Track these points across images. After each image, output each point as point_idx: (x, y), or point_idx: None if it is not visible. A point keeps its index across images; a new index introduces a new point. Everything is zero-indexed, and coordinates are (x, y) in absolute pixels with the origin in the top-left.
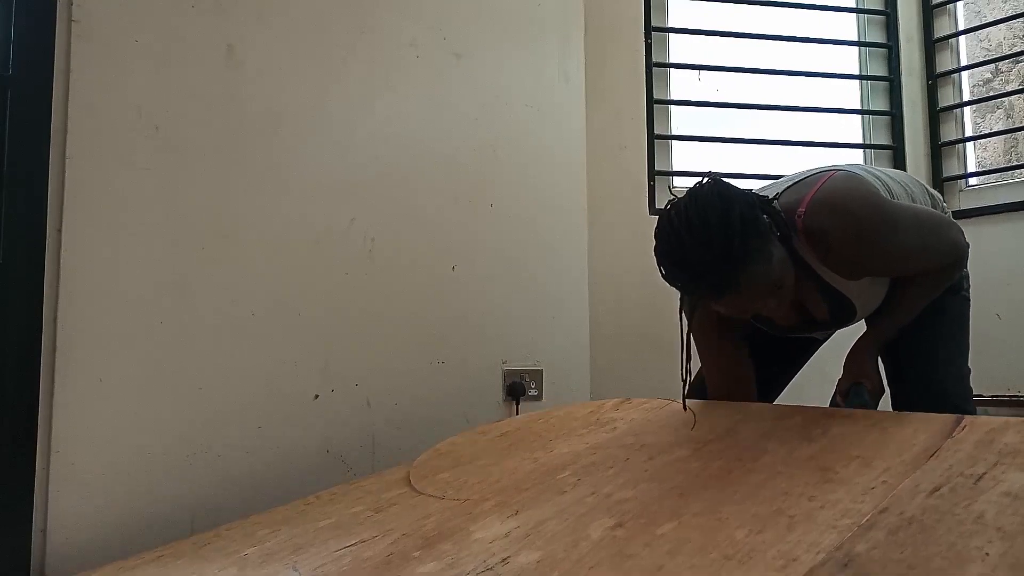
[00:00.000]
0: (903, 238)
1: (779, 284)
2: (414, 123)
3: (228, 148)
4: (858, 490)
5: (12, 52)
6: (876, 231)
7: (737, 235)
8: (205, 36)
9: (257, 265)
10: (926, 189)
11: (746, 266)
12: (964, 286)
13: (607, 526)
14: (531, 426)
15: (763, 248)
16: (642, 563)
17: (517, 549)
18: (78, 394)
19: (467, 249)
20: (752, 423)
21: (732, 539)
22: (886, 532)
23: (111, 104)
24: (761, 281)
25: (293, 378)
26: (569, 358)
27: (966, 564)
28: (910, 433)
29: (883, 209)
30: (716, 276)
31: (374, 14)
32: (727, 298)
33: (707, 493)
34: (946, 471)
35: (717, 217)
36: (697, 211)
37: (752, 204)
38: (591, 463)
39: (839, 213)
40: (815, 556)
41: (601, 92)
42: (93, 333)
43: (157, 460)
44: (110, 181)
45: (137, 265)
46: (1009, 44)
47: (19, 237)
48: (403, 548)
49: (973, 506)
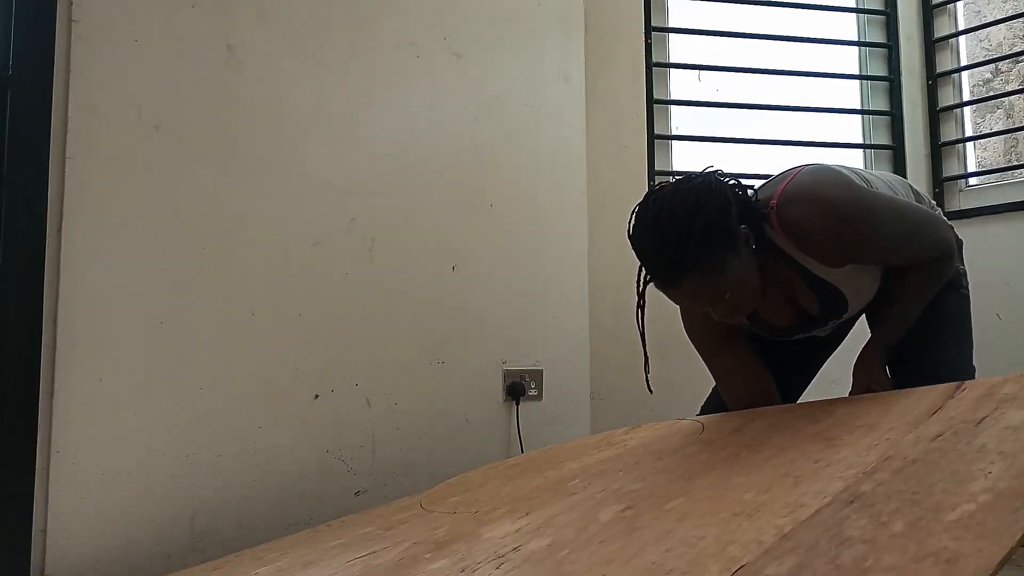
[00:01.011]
0: (880, 223)
1: (725, 295)
2: (414, 123)
3: (228, 148)
4: (862, 448)
5: (12, 52)
6: (849, 214)
7: (694, 243)
8: (205, 36)
9: (257, 265)
10: (913, 189)
11: (693, 273)
12: (963, 283)
13: (616, 510)
14: (542, 455)
15: (718, 260)
16: (651, 532)
17: (528, 539)
18: (78, 394)
19: (467, 249)
20: (759, 419)
21: (740, 500)
22: (890, 473)
23: (111, 104)
24: (707, 288)
25: (293, 378)
26: (569, 358)
27: (968, 483)
28: (913, 400)
29: (855, 192)
30: (663, 273)
31: (374, 14)
32: (670, 292)
33: (715, 473)
34: (948, 421)
35: (681, 219)
36: (669, 206)
37: (724, 211)
38: (601, 470)
39: (809, 199)
40: (822, 500)
41: (601, 92)
42: (93, 333)
43: (157, 460)
44: (110, 181)
45: (137, 265)
46: (1009, 44)
47: (19, 237)
48: (414, 553)
49: (974, 441)
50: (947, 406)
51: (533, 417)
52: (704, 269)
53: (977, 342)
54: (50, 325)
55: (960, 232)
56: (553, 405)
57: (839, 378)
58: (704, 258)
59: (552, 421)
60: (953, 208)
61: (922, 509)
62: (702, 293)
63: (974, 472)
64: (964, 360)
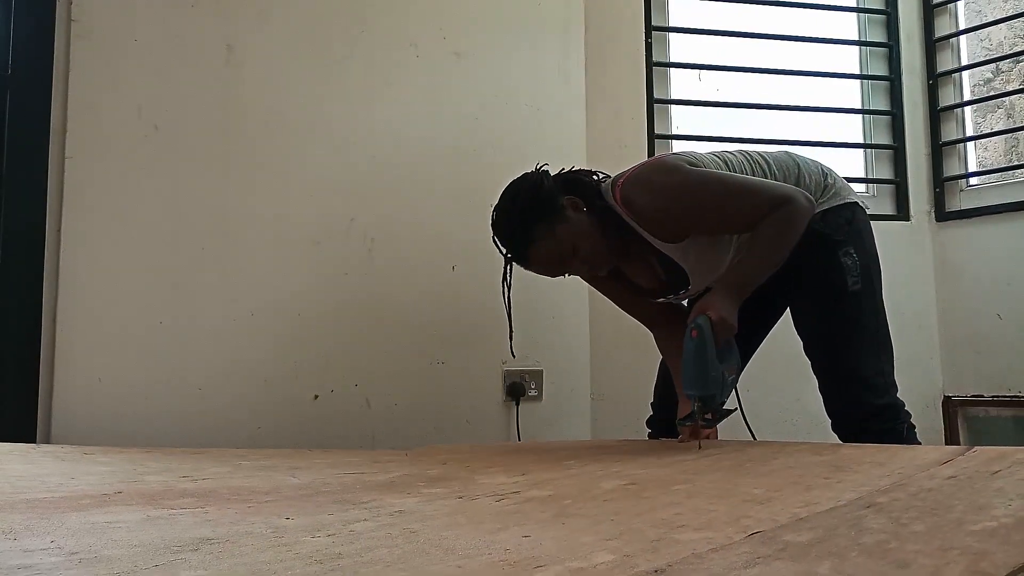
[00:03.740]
0: (701, 198)
1: (570, 253)
2: (414, 123)
3: (228, 148)
4: (874, 476)
5: (11, 51)
6: (670, 196)
7: (517, 221)
8: (204, 36)
9: (257, 265)
10: (799, 164)
11: (529, 245)
12: (848, 282)
13: (619, 484)
14: (533, 443)
15: (544, 227)
16: (658, 501)
17: (527, 489)
18: (78, 394)
19: (467, 249)
20: (760, 446)
21: (750, 493)
22: (906, 494)
23: (110, 104)
24: (549, 252)
25: (293, 378)
26: (569, 358)
27: (988, 510)
28: (921, 452)
29: (679, 176)
30: (513, 255)
31: (374, 14)
32: (528, 267)
33: (720, 474)
34: (961, 469)
35: (505, 209)
36: (499, 205)
37: (535, 189)
38: (597, 457)
39: (639, 183)
40: (836, 503)
41: (601, 91)
42: (92, 333)
43: None
44: (110, 181)
45: (137, 265)
46: (1010, 43)
47: (19, 237)
48: (407, 480)
49: (991, 484)
50: (957, 461)
51: (533, 417)
52: (535, 239)
53: (978, 342)
54: (49, 324)
55: (960, 232)
56: (553, 405)
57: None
58: (532, 230)
59: (552, 421)
60: (954, 208)
61: (942, 520)
62: (548, 259)
63: (994, 503)
64: (877, 359)
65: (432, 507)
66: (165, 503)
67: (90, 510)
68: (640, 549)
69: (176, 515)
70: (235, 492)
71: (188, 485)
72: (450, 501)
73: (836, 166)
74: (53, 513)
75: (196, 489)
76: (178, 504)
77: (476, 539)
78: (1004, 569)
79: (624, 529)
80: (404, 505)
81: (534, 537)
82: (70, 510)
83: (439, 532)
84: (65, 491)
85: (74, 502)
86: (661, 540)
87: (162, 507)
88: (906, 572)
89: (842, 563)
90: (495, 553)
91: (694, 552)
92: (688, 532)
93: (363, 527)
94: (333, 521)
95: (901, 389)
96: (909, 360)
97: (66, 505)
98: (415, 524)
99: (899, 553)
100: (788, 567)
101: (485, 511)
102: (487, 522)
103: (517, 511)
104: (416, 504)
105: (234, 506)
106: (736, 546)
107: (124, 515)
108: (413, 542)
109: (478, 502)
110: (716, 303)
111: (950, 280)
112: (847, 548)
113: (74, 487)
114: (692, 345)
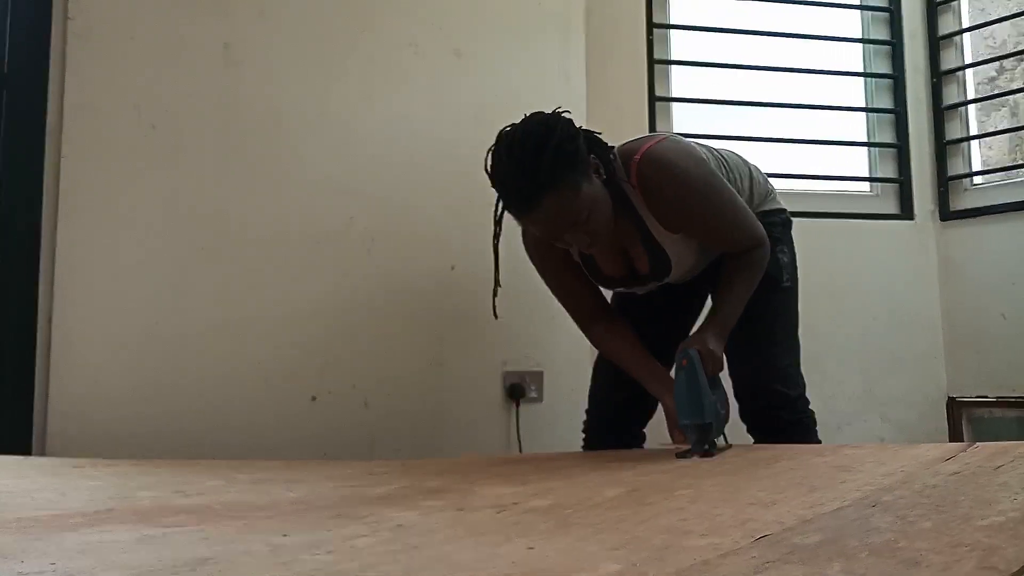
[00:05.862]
0: (717, 206)
1: (584, 217)
2: (414, 122)
3: (226, 147)
4: (878, 474)
5: (7, 49)
6: (698, 189)
7: (547, 161)
8: (202, 34)
9: (256, 265)
10: (752, 173)
11: (549, 191)
12: (784, 277)
13: (622, 490)
14: (528, 456)
15: (572, 179)
16: (662, 507)
17: (528, 499)
18: (74, 396)
19: (467, 249)
20: (760, 449)
21: (754, 496)
22: (911, 491)
23: (107, 102)
24: (564, 208)
25: (291, 380)
26: (570, 360)
27: (994, 504)
28: (923, 450)
29: (706, 170)
30: (522, 193)
31: (374, 13)
32: (531, 216)
33: (723, 477)
34: (964, 465)
35: (534, 142)
36: (521, 135)
37: (573, 138)
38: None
39: (669, 165)
40: (842, 503)
41: (602, 89)
42: (89, 334)
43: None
44: (106, 180)
45: (134, 265)
46: (1014, 42)
47: (14, 237)
48: (405, 492)
49: (995, 479)
50: (960, 457)
51: (533, 419)
52: (559, 187)
53: (981, 342)
54: (45, 325)
55: (964, 231)
56: (553, 407)
57: (832, 373)
58: (559, 175)
59: (552, 423)
60: (958, 207)
61: (949, 516)
62: (561, 214)
63: (999, 497)
64: (794, 353)
65: (432, 520)
66: (159, 521)
67: (82, 529)
68: (647, 557)
69: (171, 534)
70: (230, 508)
71: (182, 501)
72: (450, 513)
73: (839, 165)
74: (46, 533)
75: (190, 505)
76: (172, 522)
77: (479, 553)
78: (1015, 564)
79: (629, 537)
80: (403, 519)
81: (538, 549)
82: (63, 529)
83: (441, 547)
84: (57, 509)
85: (66, 520)
86: (668, 547)
87: (156, 525)
88: (917, 570)
89: (852, 564)
90: (500, 567)
91: (702, 559)
92: (694, 538)
93: (363, 543)
94: (332, 537)
95: (905, 389)
96: (913, 360)
97: (59, 524)
98: (416, 539)
99: (909, 551)
100: (798, 571)
101: (486, 523)
102: (489, 534)
103: (519, 522)
104: (416, 517)
105: (230, 523)
106: (744, 551)
107: (118, 534)
108: (416, 558)
109: (479, 514)
110: (702, 340)
111: (954, 280)
112: (856, 549)
113: (66, 505)
114: (684, 375)
